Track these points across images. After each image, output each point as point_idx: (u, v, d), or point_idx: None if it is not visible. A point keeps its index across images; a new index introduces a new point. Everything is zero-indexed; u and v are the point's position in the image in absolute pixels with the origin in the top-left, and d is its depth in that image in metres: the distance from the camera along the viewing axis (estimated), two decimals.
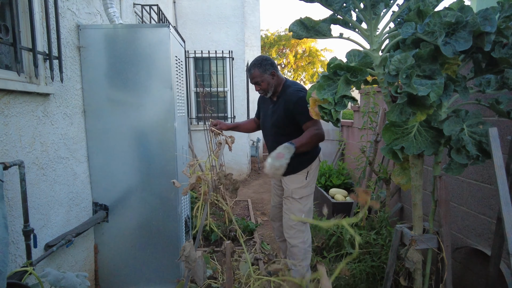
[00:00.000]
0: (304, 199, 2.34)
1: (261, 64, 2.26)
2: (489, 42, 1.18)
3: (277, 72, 2.30)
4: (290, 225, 2.35)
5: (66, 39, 2.01)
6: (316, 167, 2.38)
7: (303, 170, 2.31)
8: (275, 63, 2.32)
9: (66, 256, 2.03)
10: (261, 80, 2.26)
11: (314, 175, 2.38)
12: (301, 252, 2.33)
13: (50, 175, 1.86)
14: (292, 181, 2.34)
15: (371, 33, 1.55)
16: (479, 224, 2.08)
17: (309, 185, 2.35)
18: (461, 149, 1.35)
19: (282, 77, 2.35)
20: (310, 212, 2.38)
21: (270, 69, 2.26)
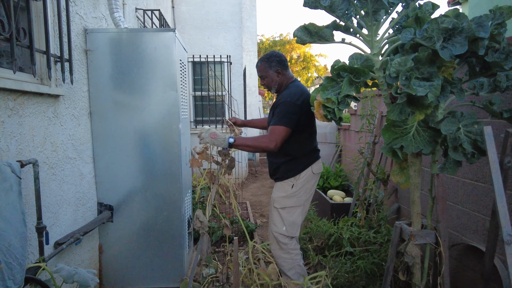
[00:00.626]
0: (287, 211, 2.21)
1: (268, 59, 2.23)
2: (483, 47, 1.27)
3: (284, 70, 2.25)
4: (272, 235, 2.27)
5: (74, 43, 2.06)
6: (308, 179, 2.22)
7: (290, 179, 2.21)
8: (285, 61, 2.26)
9: (73, 255, 2.06)
10: (265, 75, 2.24)
11: (305, 187, 2.22)
12: (286, 263, 2.24)
13: (59, 174, 1.90)
14: (278, 188, 2.27)
15: (371, 38, 1.63)
16: (474, 221, 2.16)
17: (296, 196, 2.20)
18: (458, 147, 1.43)
19: (290, 77, 2.29)
20: (293, 225, 2.21)
21: (276, 66, 2.22)
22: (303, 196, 2.23)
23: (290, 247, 2.24)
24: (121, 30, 2.32)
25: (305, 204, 2.27)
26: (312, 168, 2.22)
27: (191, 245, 2.97)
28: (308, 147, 2.25)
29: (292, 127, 2.09)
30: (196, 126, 6.17)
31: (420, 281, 1.83)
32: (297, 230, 2.25)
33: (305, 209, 2.31)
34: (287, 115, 2.07)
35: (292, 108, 2.08)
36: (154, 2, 4.42)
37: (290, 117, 2.07)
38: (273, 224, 2.27)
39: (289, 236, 2.23)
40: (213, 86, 6.15)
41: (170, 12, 5.70)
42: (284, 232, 2.22)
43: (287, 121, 2.06)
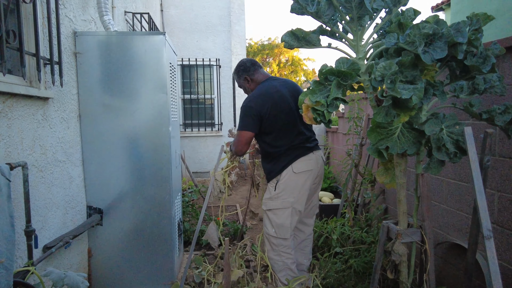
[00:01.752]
0: (273, 213, 2.21)
1: (236, 70, 2.39)
2: (461, 51, 1.33)
3: (252, 76, 2.33)
4: (265, 237, 2.31)
5: (64, 45, 2.06)
6: (291, 179, 2.17)
7: (272, 180, 2.23)
8: (252, 66, 2.33)
9: (62, 259, 2.05)
10: (239, 85, 2.41)
11: (290, 188, 2.17)
12: (277, 265, 2.27)
13: (48, 177, 1.89)
14: (266, 190, 2.32)
15: (357, 43, 1.69)
16: (458, 220, 2.23)
17: (280, 198, 2.18)
18: (441, 147, 1.49)
19: (260, 80, 2.32)
20: (282, 228, 2.20)
21: (242, 75, 2.35)
22: (289, 198, 2.18)
23: (282, 250, 2.25)
24: (111, 33, 2.33)
25: (294, 206, 2.21)
26: (292, 167, 2.17)
27: (182, 248, 2.97)
28: (284, 147, 2.19)
29: (253, 130, 2.18)
30: (185, 129, 6.17)
31: (407, 279, 1.88)
32: (287, 233, 2.23)
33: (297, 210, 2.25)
34: (243, 119, 2.19)
35: (246, 111, 2.18)
36: (143, 6, 4.43)
37: (246, 121, 2.17)
38: (264, 226, 2.32)
39: (280, 238, 2.23)
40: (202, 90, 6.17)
41: (159, 15, 5.71)
42: (274, 234, 2.24)
43: (244, 125, 2.18)
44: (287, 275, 2.27)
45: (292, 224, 2.24)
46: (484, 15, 1.51)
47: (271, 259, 2.30)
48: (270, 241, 2.27)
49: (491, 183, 1.96)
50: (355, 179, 3.01)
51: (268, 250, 2.31)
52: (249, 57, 2.56)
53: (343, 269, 2.39)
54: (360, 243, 2.54)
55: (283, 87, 2.26)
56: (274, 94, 2.19)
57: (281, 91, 2.23)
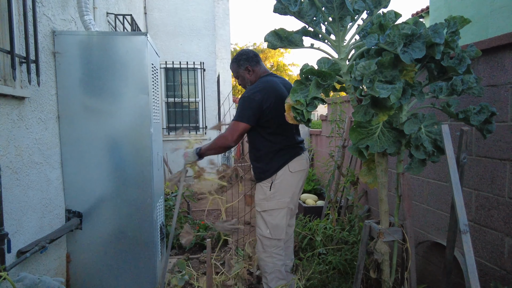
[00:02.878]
0: (269, 213, 2.18)
1: (237, 58, 2.28)
2: (439, 52, 1.37)
3: (254, 66, 2.25)
4: (258, 238, 2.27)
5: (41, 44, 2.00)
6: (286, 179, 2.16)
7: (267, 180, 2.17)
8: (254, 57, 2.26)
9: (37, 264, 1.97)
10: (237, 74, 2.30)
11: (285, 188, 2.16)
12: (268, 266, 2.24)
13: (23, 180, 1.82)
14: (258, 191, 2.24)
15: (339, 43, 1.71)
16: (438, 219, 2.28)
17: (275, 198, 2.15)
18: (420, 146, 1.52)
19: (262, 72, 2.28)
20: (277, 228, 2.18)
21: (244, 64, 2.25)
22: (285, 198, 2.16)
23: (274, 251, 2.22)
24: (91, 33, 2.28)
25: (289, 206, 2.21)
26: (289, 166, 2.16)
27: (164, 252, 2.91)
28: (280, 144, 2.17)
29: (250, 122, 2.08)
30: (169, 133, 6.10)
31: (389, 278, 1.90)
32: (282, 233, 2.21)
33: (292, 210, 2.26)
34: (243, 110, 2.09)
35: (248, 103, 2.08)
36: (126, 8, 4.38)
37: (246, 112, 2.08)
38: (258, 227, 2.26)
39: (274, 239, 2.20)
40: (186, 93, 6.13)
41: (143, 18, 5.66)
42: (268, 235, 2.20)
43: (243, 116, 2.08)
44: (276, 277, 2.25)
45: (286, 224, 2.23)
46: (460, 18, 1.56)
47: (262, 260, 2.26)
48: (263, 243, 2.23)
49: (468, 182, 2.01)
50: (338, 180, 3.03)
51: (260, 252, 2.27)
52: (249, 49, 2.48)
53: (326, 270, 2.39)
54: (343, 243, 2.56)
55: (283, 85, 2.26)
56: (278, 90, 2.16)
57: (282, 88, 2.21)
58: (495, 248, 1.85)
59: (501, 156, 1.80)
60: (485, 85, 1.90)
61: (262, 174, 2.19)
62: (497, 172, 1.83)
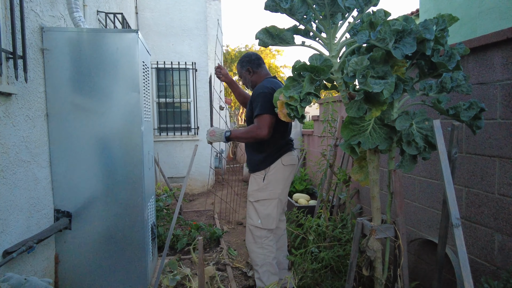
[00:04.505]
0: (261, 203, 2.27)
1: (240, 60, 2.46)
2: (429, 48, 1.38)
3: (254, 68, 2.41)
4: (248, 228, 2.34)
5: (29, 40, 1.97)
6: (279, 171, 2.28)
7: (261, 171, 2.30)
8: (256, 60, 2.43)
9: (25, 265, 1.93)
10: (240, 74, 2.47)
11: (277, 180, 2.28)
12: (259, 258, 2.28)
13: (10, 178, 1.78)
14: (251, 182, 2.35)
15: (330, 41, 1.71)
16: (429, 217, 2.29)
17: (268, 189, 2.26)
18: (411, 142, 1.52)
19: (264, 74, 2.44)
20: (268, 218, 2.27)
21: (246, 65, 2.43)
22: (276, 189, 2.28)
23: (265, 242, 2.28)
24: (81, 29, 2.25)
25: (280, 197, 2.31)
26: (282, 160, 2.29)
27: (155, 252, 2.88)
28: (277, 139, 2.30)
29: (273, 114, 2.14)
30: (161, 134, 6.05)
31: (382, 275, 1.90)
32: (273, 223, 2.29)
33: (282, 202, 2.36)
34: (264, 103, 2.17)
35: (265, 97, 2.18)
36: (117, 7, 4.34)
37: (267, 105, 2.16)
38: (249, 217, 2.34)
39: (265, 229, 2.28)
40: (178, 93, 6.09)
41: (134, 17, 5.61)
42: (259, 225, 2.28)
43: (269, 108, 2.15)
44: (267, 271, 2.28)
45: (277, 215, 2.31)
46: (449, 16, 1.58)
47: (253, 252, 2.31)
48: (253, 233, 2.30)
49: (459, 179, 2.03)
50: (330, 179, 3.04)
51: (250, 243, 2.32)
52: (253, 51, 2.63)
53: (319, 268, 2.39)
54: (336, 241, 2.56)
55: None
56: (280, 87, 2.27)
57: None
58: (486, 244, 1.87)
59: (490, 153, 1.82)
60: (474, 83, 1.92)
61: (256, 166, 2.31)
62: (487, 169, 1.85)
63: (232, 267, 2.98)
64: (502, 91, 1.76)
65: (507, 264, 1.73)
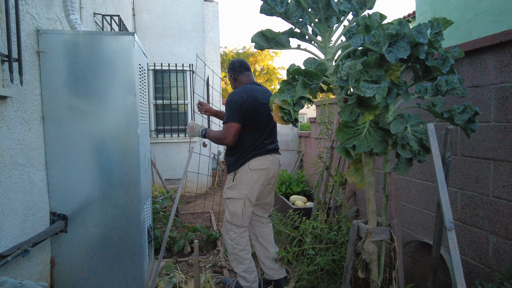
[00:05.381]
0: (230, 201, 2.47)
1: (228, 67, 2.66)
2: (423, 52, 1.39)
3: (236, 75, 2.59)
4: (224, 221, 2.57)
5: (24, 43, 1.97)
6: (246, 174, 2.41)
7: (231, 172, 2.50)
8: (239, 67, 2.58)
9: (20, 269, 1.92)
10: (229, 80, 2.64)
11: (245, 182, 2.41)
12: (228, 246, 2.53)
13: (5, 181, 1.78)
14: (227, 180, 2.56)
15: (325, 44, 1.72)
16: (425, 219, 2.30)
17: (236, 188, 2.44)
18: (406, 145, 1.53)
19: (244, 81, 2.57)
20: (234, 215, 2.44)
21: (230, 72, 2.63)
22: (243, 190, 2.43)
23: (233, 235, 2.48)
24: (78, 32, 2.25)
25: (248, 198, 2.43)
26: (249, 164, 2.42)
27: (152, 255, 2.88)
28: (248, 143, 2.43)
29: (238, 121, 2.36)
30: (158, 135, 6.05)
31: (377, 277, 1.91)
32: (238, 221, 2.46)
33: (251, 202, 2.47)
34: (229, 111, 2.38)
35: (231, 105, 2.37)
36: (114, 9, 4.34)
37: (233, 113, 2.36)
38: (225, 211, 2.54)
39: (233, 224, 2.47)
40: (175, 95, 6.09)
41: (131, 19, 5.61)
42: (229, 219, 2.50)
43: (231, 117, 2.36)
44: (234, 259, 2.52)
45: (244, 213, 2.46)
46: (443, 19, 1.59)
47: (225, 240, 2.56)
48: (225, 225, 2.55)
49: (454, 181, 2.04)
50: (326, 181, 3.05)
51: (224, 232, 2.58)
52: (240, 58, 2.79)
53: (315, 271, 2.39)
54: (332, 243, 2.56)
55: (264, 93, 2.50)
56: (255, 94, 2.44)
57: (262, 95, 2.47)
58: (480, 246, 1.88)
59: (485, 156, 1.84)
60: (469, 86, 1.93)
61: (230, 167, 2.52)
62: (482, 171, 1.86)
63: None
64: (496, 94, 1.77)
65: (502, 266, 1.74)
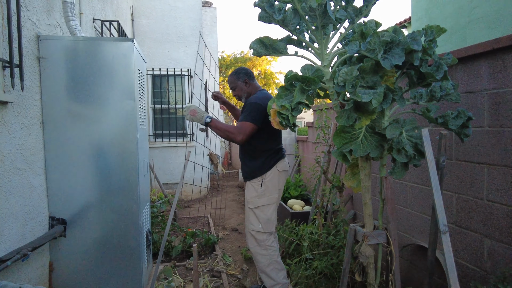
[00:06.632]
0: (260, 209, 2.38)
1: (236, 72, 2.57)
2: (417, 58, 1.42)
3: (250, 81, 2.55)
4: (250, 234, 2.44)
5: (25, 49, 1.99)
6: (274, 177, 2.41)
7: (257, 178, 2.41)
8: (251, 73, 2.58)
9: (19, 273, 1.93)
10: (235, 86, 2.55)
11: (273, 185, 2.40)
12: (264, 258, 2.39)
13: (5, 186, 1.79)
14: (249, 189, 2.45)
15: (322, 51, 1.75)
16: (421, 222, 2.33)
17: (266, 195, 2.38)
18: (401, 150, 1.56)
19: (257, 87, 2.58)
20: (268, 222, 2.39)
21: (243, 77, 2.53)
22: (273, 194, 2.40)
23: (268, 243, 2.39)
24: (77, 38, 2.27)
25: (277, 201, 2.44)
26: (277, 166, 2.42)
27: (150, 259, 2.88)
28: (271, 147, 2.43)
29: (258, 124, 2.31)
30: (156, 140, 6.06)
31: (374, 281, 1.93)
32: (273, 226, 2.42)
33: (277, 205, 2.48)
34: (252, 113, 2.31)
35: (257, 107, 2.32)
36: (113, 14, 4.37)
37: (255, 115, 2.30)
38: (250, 223, 2.43)
39: (266, 232, 2.39)
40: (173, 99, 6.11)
41: (130, 24, 5.65)
42: (261, 229, 2.39)
43: (253, 118, 2.30)
44: (275, 269, 2.39)
45: (275, 218, 2.44)
46: (437, 27, 1.63)
47: (258, 254, 2.41)
48: (255, 238, 2.41)
49: (449, 185, 2.07)
50: (324, 186, 3.07)
51: (255, 246, 2.42)
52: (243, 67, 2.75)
53: (313, 275, 2.41)
54: (329, 248, 2.58)
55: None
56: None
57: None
58: (475, 250, 1.91)
59: (479, 160, 1.87)
60: (463, 91, 1.97)
61: (252, 173, 2.42)
62: (476, 175, 1.89)
63: (227, 274, 2.99)
64: (489, 100, 1.81)
65: (496, 269, 1.77)
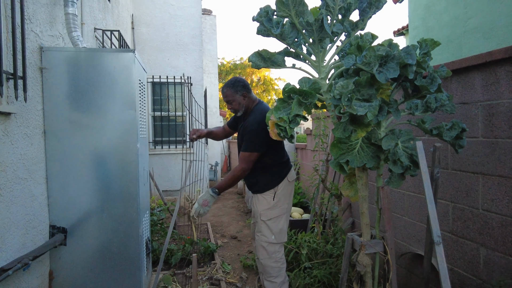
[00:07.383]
0: (274, 221, 2.38)
1: (233, 84, 2.42)
2: (411, 72, 1.46)
3: (249, 93, 2.45)
4: (261, 246, 2.42)
5: (29, 60, 2.02)
6: (286, 188, 2.42)
7: (270, 191, 2.39)
8: (249, 85, 2.48)
9: (19, 282, 1.94)
10: (232, 99, 2.42)
11: (284, 196, 2.42)
12: (274, 270, 2.39)
13: (7, 195, 1.81)
14: (260, 201, 2.42)
15: (319, 64, 1.80)
16: (419, 231, 2.35)
17: (278, 206, 2.39)
18: (397, 161, 1.59)
19: (255, 99, 2.49)
20: (281, 233, 2.39)
21: (241, 90, 2.41)
22: (285, 205, 2.42)
23: (279, 256, 2.40)
24: (79, 49, 2.31)
25: (287, 211, 2.47)
26: (287, 177, 2.44)
27: (150, 267, 2.89)
28: (280, 159, 2.45)
29: (260, 151, 2.32)
30: (155, 147, 6.09)
31: None
32: (285, 236, 2.45)
33: (288, 214, 2.51)
34: (253, 142, 2.31)
35: (257, 135, 2.30)
36: (114, 23, 4.43)
37: (257, 144, 2.30)
38: (262, 235, 2.40)
39: (278, 243, 2.39)
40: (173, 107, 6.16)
41: (130, 33, 5.71)
42: (273, 241, 2.39)
43: (254, 147, 2.30)
44: (282, 282, 2.40)
45: (286, 227, 2.47)
46: (431, 41, 1.68)
47: (268, 266, 2.39)
48: (267, 249, 2.39)
49: (445, 194, 2.10)
50: (322, 194, 3.10)
51: (266, 258, 2.40)
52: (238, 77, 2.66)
53: (311, 283, 2.43)
54: (328, 256, 2.60)
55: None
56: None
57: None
58: (472, 258, 1.93)
59: (474, 170, 1.90)
60: (457, 102, 2.01)
61: (265, 187, 2.40)
62: (471, 185, 1.92)
63: (226, 282, 3.00)
64: (483, 111, 1.85)
65: (492, 278, 1.79)
